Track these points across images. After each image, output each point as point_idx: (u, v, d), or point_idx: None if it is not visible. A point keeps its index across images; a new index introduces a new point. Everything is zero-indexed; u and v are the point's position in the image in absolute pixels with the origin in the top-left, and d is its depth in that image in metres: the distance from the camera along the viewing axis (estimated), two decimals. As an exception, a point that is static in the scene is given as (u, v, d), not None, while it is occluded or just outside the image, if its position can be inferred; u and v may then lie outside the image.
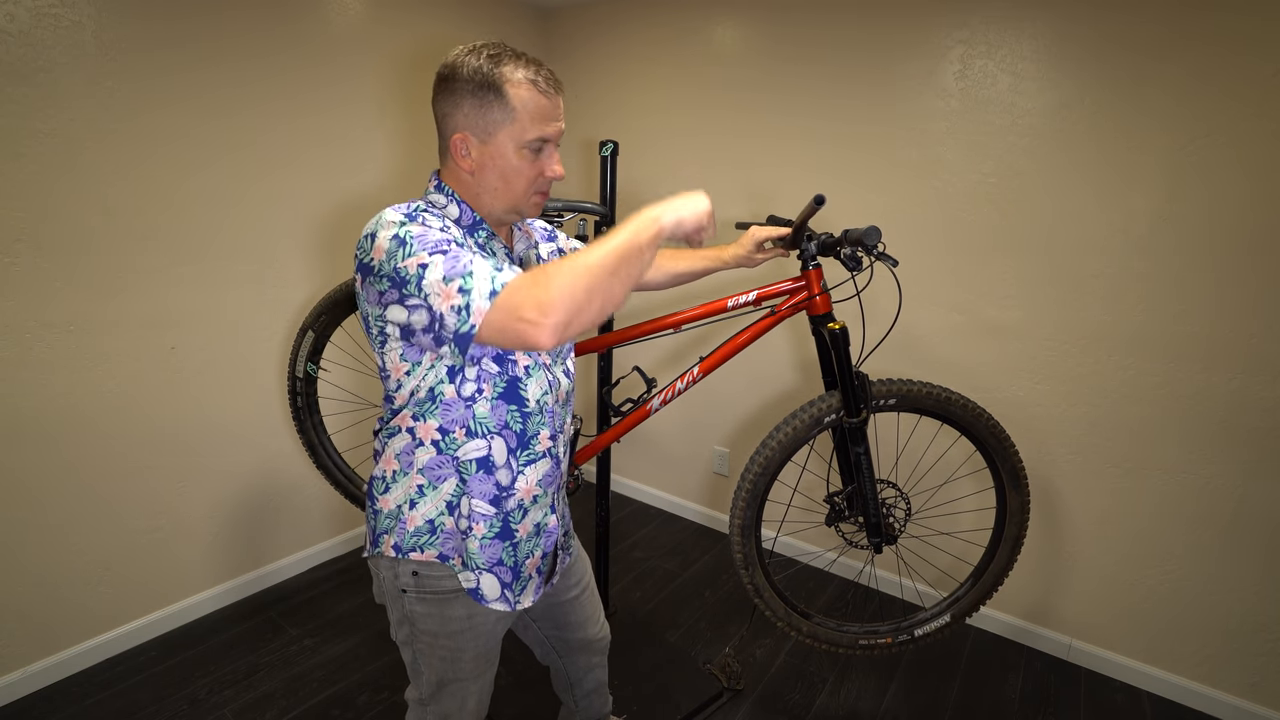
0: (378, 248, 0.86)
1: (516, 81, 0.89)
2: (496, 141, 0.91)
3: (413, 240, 0.85)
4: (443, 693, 1.10)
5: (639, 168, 2.62)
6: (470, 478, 0.99)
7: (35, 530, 1.72)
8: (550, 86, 0.93)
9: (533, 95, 0.90)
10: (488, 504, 1.00)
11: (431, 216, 0.90)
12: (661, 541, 2.63)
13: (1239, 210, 1.59)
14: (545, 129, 0.92)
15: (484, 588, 1.03)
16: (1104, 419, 1.84)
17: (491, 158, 0.92)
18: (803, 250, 1.53)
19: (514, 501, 1.02)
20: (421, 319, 0.85)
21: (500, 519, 1.01)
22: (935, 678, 1.92)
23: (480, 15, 2.55)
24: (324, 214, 2.18)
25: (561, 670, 1.36)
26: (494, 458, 0.99)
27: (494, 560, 1.02)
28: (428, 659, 1.08)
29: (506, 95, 0.89)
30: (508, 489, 1.01)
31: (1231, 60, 1.54)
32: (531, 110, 0.90)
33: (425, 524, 1.00)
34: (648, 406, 1.63)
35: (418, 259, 0.83)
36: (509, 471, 1.00)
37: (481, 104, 0.90)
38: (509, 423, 0.98)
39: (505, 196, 0.95)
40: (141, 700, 1.75)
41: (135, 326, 1.82)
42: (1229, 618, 1.75)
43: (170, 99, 1.78)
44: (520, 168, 0.93)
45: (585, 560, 1.30)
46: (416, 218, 0.88)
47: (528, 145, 0.92)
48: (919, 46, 1.94)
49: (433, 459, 0.98)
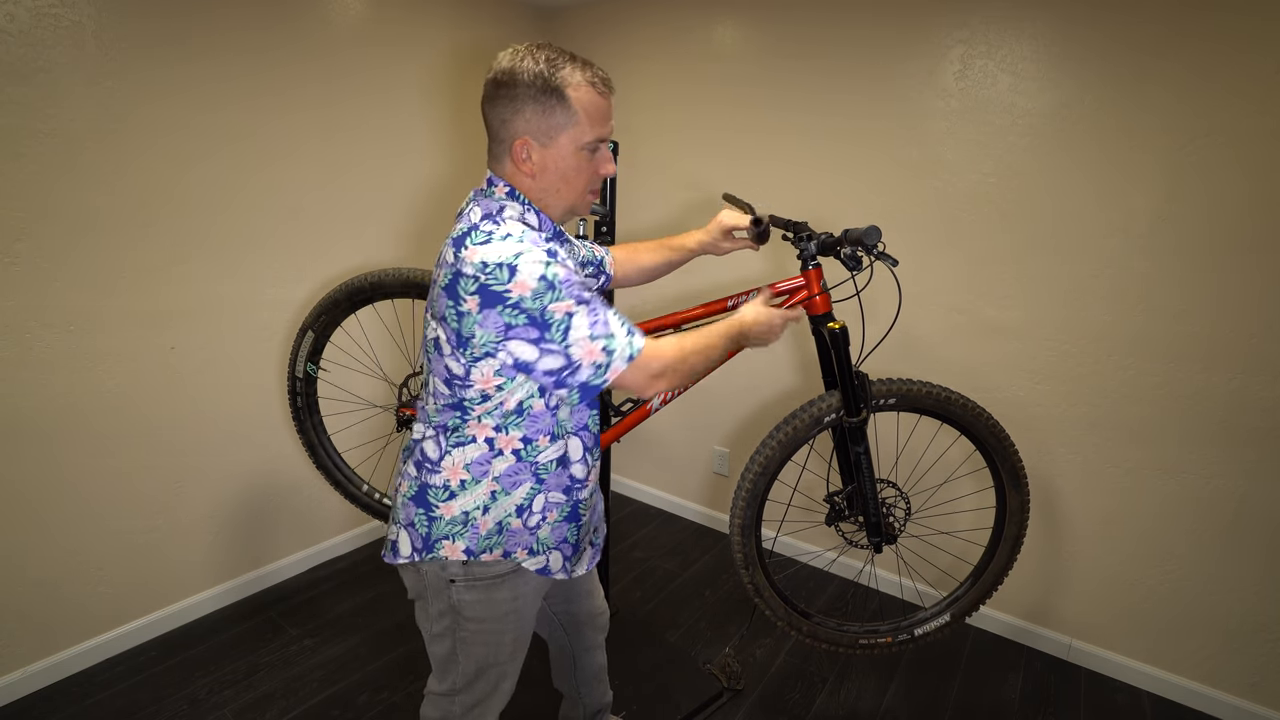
0: (520, 283, 0.87)
1: (577, 84, 0.92)
2: (558, 144, 0.94)
3: (560, 285, 0.88)
4: (480, 679, 1.13)
5: (639, 167, 2.61)
6: (549, 476, 1.05)
7: (35, 530, 1.72)
8: (607, 88, 0.96)
9: (592, 98, 0.93)
10: (561, 493, 1.07)
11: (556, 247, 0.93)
12: (661, 541, 2.63)
13: (1239, 209, 1.59)
14: (603, 130, 0.96)
15: (551, 563, 1.10)
16: (1104, 419, 1.84)
17: (553, 160, 0.95)
18: (802, 250, 1.53)
19: (586, 491, 1.11)
20: (553, 363, 0.91)
21: (570, 505, 1.09)
22: (935, 678, 1.92)
23: (481, 15, 2.55)
24: (324, 213, 2.18)
25: (567, 649, 1.39)
26: (570, 454, 1.06)
27: (560, 539, 1.10)
28: (469, 647, 1.09)
29: (569, 99, 0.92)
30: (581, 481, 1.09)
31: (1232, 59, 1.54)
32: (592, 112, 0.94)
33: (495, 526, 1.04)
34: (648, 406, 1.63)
35: (565, 306, 0.89)
36: (584, 466, 1.08)
37: (544, 108, 0.92)
38: (588, 424, 1.07)
39: (566, 197, 0.99)
40: (141, 700, 1.75)
41: (135, 326, 1.82)
42: (1229, 618, 1.75)
43: (167, 94, 1.78)
44: (580, 168, 0.97)
45: None
46: (555, 255, 0.91)
47: (586, 146, 0.95)
48: (919, 46, 1.94)
49: (511, 467, 1.02)
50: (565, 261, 0.93)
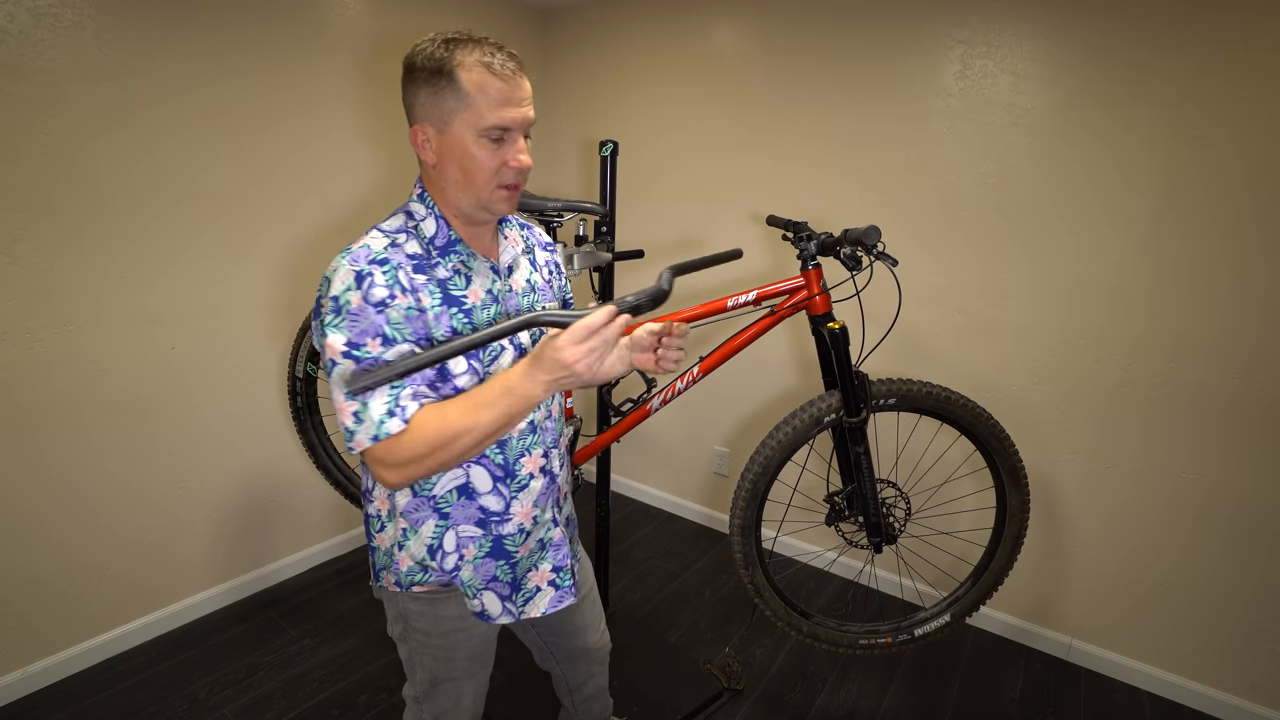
0: (328, 296, 0.84)
1: (469, 65, 0.84)
2: (453, 130, 0.86)
3: (346, 315, 0.83)
4: (436, 691, 1.10)
5: (639, 166, 2.61)
6: (451, 507, 0.98)
7: (35, 530, 1.72)
8: (508, 69, 0.86)
9: (486, 78, 0.84)
10: (474, 526, 0.99)
11: (383, 275, 0.84)
12: (661, 541, 2.63)
13: (1241, 209, 1.59)
14: (504, 115, 0.85)
15: (487, 606, 1.03)
16: (1104, 419, 1.84)
17: (450, 148, 0.87)
18: (802, 250, 1.53)
19: (512, 526, 1.01)
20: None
21: (491, 540, 1.00)
22: (935, 678, 1.92)
23: (480, 15, 2.55)
24: (323, 214, 2.18)
25: (560, 676, 1.36)
26: (474, 485, 0.98)
27: (489, 577, 1.02)
28: (421, 657, 1.08)
29: (458, 80, 0.84)
30: (501, 515, 1.00)
31: (1233, 57, 1.54)
32: (487, 95, 0.84)
33: (415, 564, 1.01)
34: (648, 406, 1.64)
35: (339, 344, 0.83)
36: (499, 499, 0.99)
37: (435, 91, 0.85)
38: (486, 453, 0.96)
39: (467, 190, 0.89)
40: (141, 700, 1.75)
41: (135, 326, 1.82)
42: (1229, 618, 1.75)
43: (169, 96, 1.78)
44: (480, 158, 0.87)
45: (587, 567, 1.28)
46: (365, 279, 0.83)
47: (486, 133, 0.86)
48: (919, 45, 1.94)
49: (410, 502, 0.98)
50: (376, 295, 0.82)
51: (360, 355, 0.83)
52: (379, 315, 0.84)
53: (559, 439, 1.08)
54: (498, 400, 0.83)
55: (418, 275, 0.88)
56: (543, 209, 1.67)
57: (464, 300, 0.92)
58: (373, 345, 0.84)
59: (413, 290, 0.87)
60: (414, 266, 0.89)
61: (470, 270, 0.94)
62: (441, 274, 0.91)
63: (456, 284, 0.92)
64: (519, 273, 1.03)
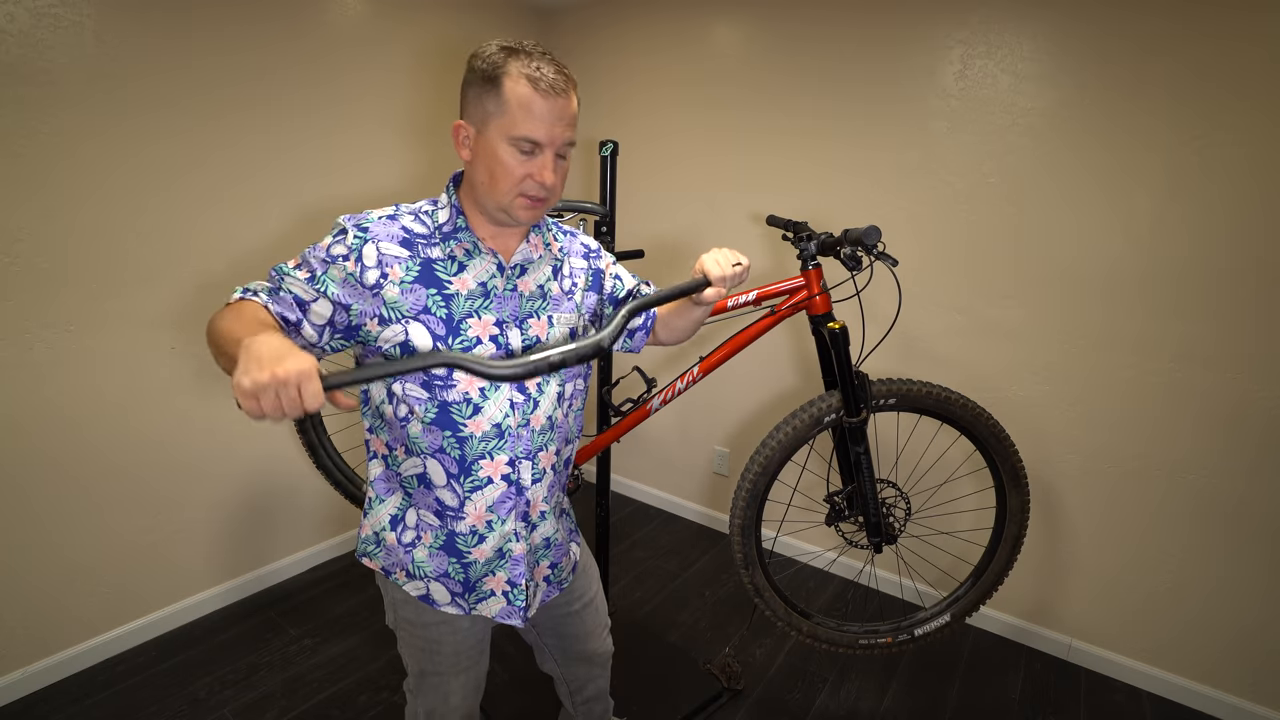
0: None
1: (515, 75, 0.88)
2: (488, 133, 0.90)
3: (311, 247, 0.94)
4: (424, 684, 1.12)
5: (639, 166, 2.61)
6: (414, 491, 1.02)
7: (35, 530, 1.72)
8: (552, 87, 0.89)
9: (528, 92, 0.88)
10: (433, 515, 1.02)
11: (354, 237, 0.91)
12: (661, 541, 2.63)
13: (1240, 208, 1.59)
14: (536, 129, 0.88)
15: (434, 593, 1.05)
16: (1105, 419, 1.84)
17: (483, 149, 0.91)
18: (802, 250, 1.53)
19: (465, 526, 1.02)
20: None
21: (445, 534, 1.02)
22: (935, 678, 1.92)
23: (480, 14, 2.55)
24: (323, 213, 2.18)
25: (561, 678, 1.36)
26: (431, 477, 1.00)
27: (440, 571, 1.04)
28: (408, 647, 1.11)
29: (502, 87, 0.88)
30: (455, 510, 1.01)
31: (1234, 57, 1.54)
32: (524, 106, 0.88)
33: (372, 534, 1.06)
34: (648, 406, 1.64)
35: (292, 260, 0.95)
36: (454, 494, 1.00)
37: (481, 94, 0.90)
38: (444, 447, 0.97)
39: (490, 192, 0.92)
40: (141, 700, 1.75)
41: (135, 326, 1.82)
42: (1229, 618, 1.75)
43: (169, 96, 1.78)
44: (508, 165, 0.90)
45: (590, 576, 1.27)
46: (341, 232, 0.93)
47: (515, 143, 0.89)
48: (919, 45, 1.94)
49: (382, 473, 1.04)
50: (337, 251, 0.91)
51: (283, 269, 0.92)
52: (322, 263, 0.91)
53: (536, 452, 1.03)
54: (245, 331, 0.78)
55: (399, 249, 0.93)
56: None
57: (447, 285, 0.94)
58: (300, 273, 0.92)
59: (379, 264, 0.91)
60: (402, 241, 0.93)
61: (468, 259, 0.96)
62: (434, 254, 0.94)
63: (446, 267, 0.95)
64: (531, 275, 1.02)
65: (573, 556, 1.21)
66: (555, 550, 1.14)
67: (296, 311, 0.91)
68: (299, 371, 0.68)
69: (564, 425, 1.07)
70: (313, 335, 0.92)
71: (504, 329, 0.97)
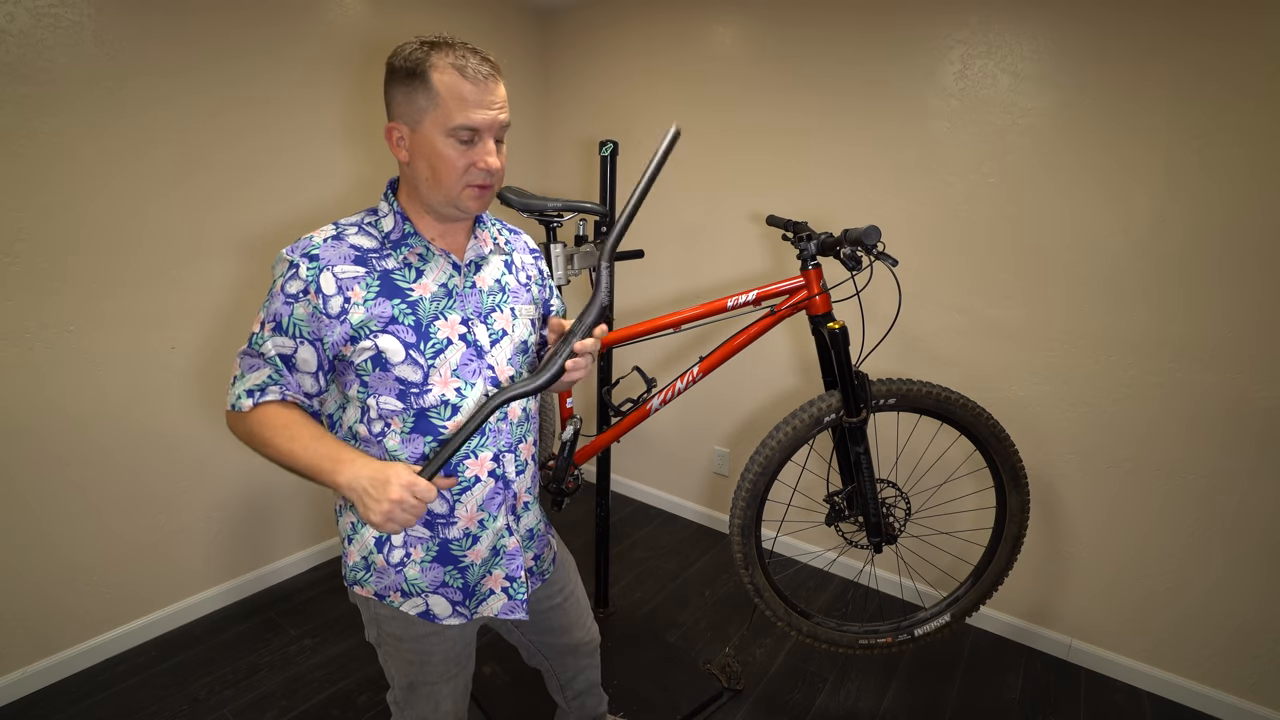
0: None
1: (442, 67, 0.87)
2: (424, 129, 0.89)
3: (268, 296, 0.93)
4: (414, 695, 1.10)
5: (639, 166, 2.61)
6: None
7: (35, 530, 1.72)
8: (480, 74, 0.88)
9: (457, 81, 0.87)
10: (422, 527, 1.01)
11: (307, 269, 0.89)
12: (661, 541, 2.63)
13: (1240, 208, 1.59)
14: (471, 116, 0.88)
15: (434, 608, 1.03)
16: (1105, 419, 1.84)
17: (420, 146, 0.90)
18: (802, 250, 1.53)
19: (458, 530, 1.01)
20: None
21: (438, 544, 1.01)
22: (935, 678, 1.92)
23: (480, 15, 2.55)
24: (322, 213, 2.18)
25: (550, 673, 1.36)
26: None
27: (437, 583, 1.03)
28: (396, 661, 1.08)
29: (430, 81, 0.87)
30: (446, 517, 1.00)
31: (1234, 57, 1.54)
32: (457, 96, 0.87)
33: (360, 560, 1.03)
34: (648, 406, 1.64)
35: (256, 321, 0.93)
36: (442, 500, 1.00)
37: (410, 91, 0.89)
38: (427, 454, 0.97)
39: (435, 188, 0.92)
40: (141, 700, 1.75)
41: (135, 326, 1.82)
42: (1229, 618, 1.75)
43: (169, 96, 1.78)
44: (449, 157, 0.89)
45: (569, 567, 1.27)
46: (292, 269, 0.90)
47: (454, 133, 0.88)
48: (918, 46, 1.94)
49: None
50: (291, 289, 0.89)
51: (255, 343, 0.92)
52: (285, 306, 0.90)
53: (517, 444, 1.05)
54: (317, 460, 0.89)
55: (354, 268, 0.92)
56: (543, 209, 1.67)
57: (409, 292, 0.94)
58: (267, 330, 0.91)
59: (339, 290, 0.90)
60: (355, 259, 0.92)
61: (424, 264, 0.96)
62: (389, 265, 0.94)
63: (404, 276, 0.94)
64: (487, 271, 1.03)
65: (553, 547, 1.22)
66: (538, 541, 1.16)
67: (298, 373, 0.94)
68: (404, 485, 0.85)
69: (535, 416, 1.11)
70: (313, 387, 0.95)
71: (470, 326, 0.98)
